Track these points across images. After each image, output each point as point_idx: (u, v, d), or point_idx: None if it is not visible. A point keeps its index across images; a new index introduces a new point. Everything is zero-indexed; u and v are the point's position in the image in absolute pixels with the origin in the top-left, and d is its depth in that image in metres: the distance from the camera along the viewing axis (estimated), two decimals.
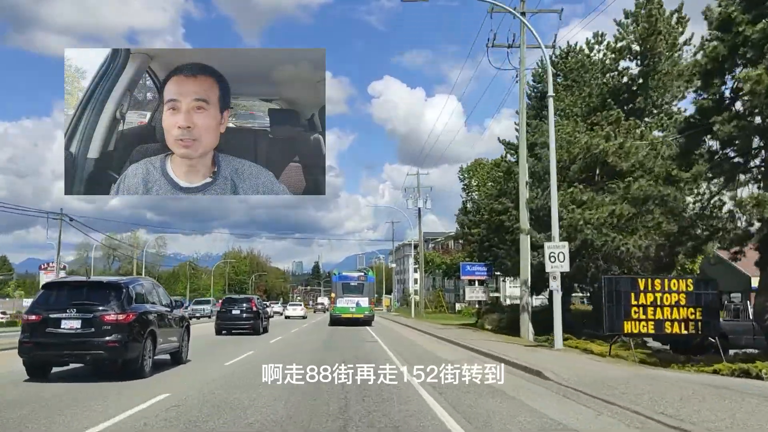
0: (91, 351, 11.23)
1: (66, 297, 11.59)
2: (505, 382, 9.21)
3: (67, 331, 11.14)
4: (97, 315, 11.25)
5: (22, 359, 11.55)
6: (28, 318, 11.61)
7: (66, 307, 11.27)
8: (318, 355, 15.84)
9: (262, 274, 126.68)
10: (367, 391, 9.15)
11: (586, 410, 8.42)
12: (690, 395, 9.15)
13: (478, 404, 8.69)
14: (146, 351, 11.86)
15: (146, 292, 12.91)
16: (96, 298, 11.57)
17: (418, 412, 8.10)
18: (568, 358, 15.05)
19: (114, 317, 11.28)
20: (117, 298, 11.60)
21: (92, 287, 12.11)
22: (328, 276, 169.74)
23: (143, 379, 11.34)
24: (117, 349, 11.25)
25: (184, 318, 15.34)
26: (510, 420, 7.71)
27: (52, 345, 11.19)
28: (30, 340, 11.34)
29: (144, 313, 12.10)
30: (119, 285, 12.06)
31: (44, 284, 13.47)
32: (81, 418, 7.71)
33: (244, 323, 27.12)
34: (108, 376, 11.32)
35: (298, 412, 8.04)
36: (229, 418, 7.72)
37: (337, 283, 37.52)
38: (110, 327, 11.21)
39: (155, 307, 12.93)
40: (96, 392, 9.81)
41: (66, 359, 11.73)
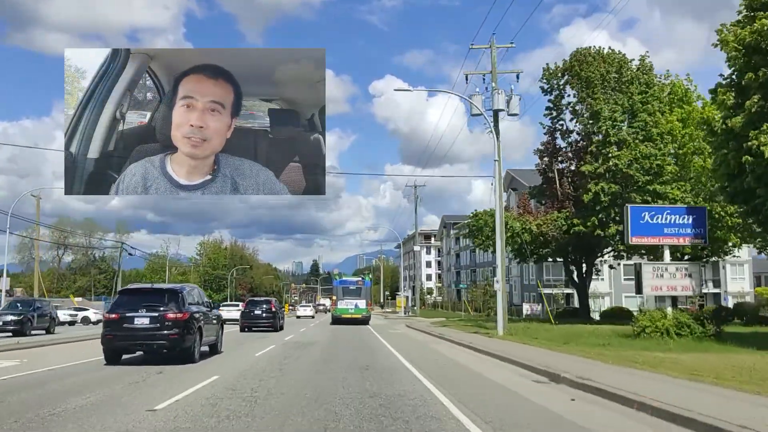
0: (157, 341, 14.24)
1: (137, 300, 14.75)
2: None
3: (139, 326, 14.20)
4: (161, 313, 14.24)
5: (103, 348, 14.47)
6: (109, 316, 14.61)
7: (138, 308, 14.33)
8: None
9: (245, 269, 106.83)
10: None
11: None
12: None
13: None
14: (196, 342, 14.86)
15: (194, 295, 16.05)
16: (160, 301, 14.58)
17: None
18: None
19: (174, 315, 14.26)
20: (175, 300, 14.61)
21: (156, 292, 15.26)
22: (327, 275, 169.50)
23: (194, 364, 14.11)
24: (176, 340, 14.20)
25: (220, 317, 18.61)
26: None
27: (128, 337, 14.21)
28: (111, 333, 14.30)
29: (194, 312, 15.04)
30: (177, 290, 15.15)
31: (120, 290, 17.16)
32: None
33: (265, 322, 31.52)
34: (166, 361, 14.26)
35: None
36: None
37: (337, 287, 42.41)
38: (171, 323, 14.21)
39: (200, 308, 15.87)
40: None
41: (138, 348, 14.63)
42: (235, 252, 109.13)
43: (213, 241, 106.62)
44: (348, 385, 10.38)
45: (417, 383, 10.76)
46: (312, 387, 10.17)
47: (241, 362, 14.97)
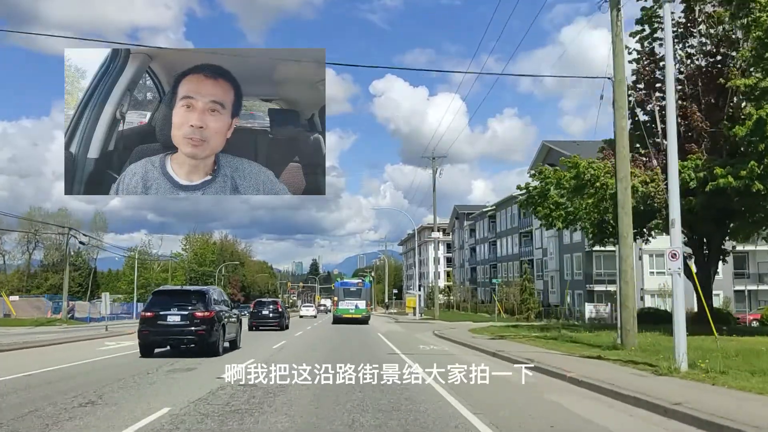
0: (187, 336, 16.02)
1: (170, 299, 16.68)
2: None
3: (171, 323, 15.97)
4: (190, 312, 16.00)
5: (139, 342, 16.41)
6: (145, 314, 16.41)
7: (170, 307, 16.14)
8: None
9: (235, 266, 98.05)
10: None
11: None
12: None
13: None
14: (220, 338, 16.60)
15: (218, 296, 17.88)
16: (189, 301, 16.41)
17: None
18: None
19: (201, 314, 15.99)
20: (203, 300, 16.37)
21: (186, 293, 17.34)
22: (327, 275, 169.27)
23: (219, 356, 15.90)
24: (204, 336, 15.95)
25: (239, 316, 20.23)
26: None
27: (162, 332, 16.07)
28: (146, 329, 16.19)
29: (219, 311, 16.79)
30: (204, 292, 17.06)
31: (154, 291, 18.55)
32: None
33: (272, 321, 33.61)
34: (193, 354, 16.04)
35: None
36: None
37: (338, 288, 44.46)
38: (199, 320, 15.95)
39: (223, 307, 17.60)
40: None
41: (170, 342, 16.50)
42: (225, 248, 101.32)
43: (200, 235, 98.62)
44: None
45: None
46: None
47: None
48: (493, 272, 78.80)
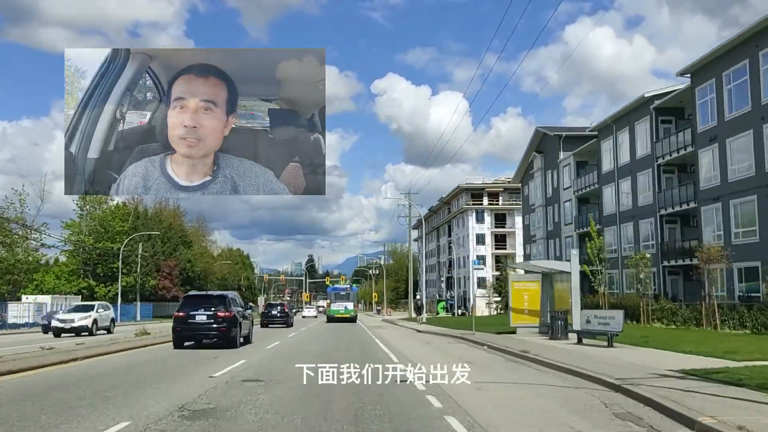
0: (211, 332, 20.02)
1: (197, 302, 20.72)
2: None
3: (199, 321, 19.87)
4: (214, 312, 19.81)
5: (173, 337, 20.31)
6: (178, 314, 20.29)
7: (198, 308, 20.10)
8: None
9: (175, 245, 71.37)
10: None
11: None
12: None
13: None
14: (238, 333, 20.43)
15: (235, 299, 22.13)
16: (213, 303, 20.34)
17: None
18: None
19: (223, 314, 19.76)
20: (223, 302, 20.32)
21: (210, 297, 21.34)
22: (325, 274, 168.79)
23: (237, 349, 19.44)
24: (225, 332, 19.86)
25: (251, 316, 25.18)
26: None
27: (191, 329, 20.08)
28: (179, 327, 20.07)
29: (237, 312, 20.60)
30: (225, 296, 21.18)
31: (185, 296, 23.74)
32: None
33: (280, 319, 41.99)
34: (216, 347, 19.54)
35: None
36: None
37: (331, 292, 53.52)
38: (221, 319, 19.71)
39: (238, 308, 21.46)
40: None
41: (199, 338, 20.34)
42: (163, 217, 72.06)
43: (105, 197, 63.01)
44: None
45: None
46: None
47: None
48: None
